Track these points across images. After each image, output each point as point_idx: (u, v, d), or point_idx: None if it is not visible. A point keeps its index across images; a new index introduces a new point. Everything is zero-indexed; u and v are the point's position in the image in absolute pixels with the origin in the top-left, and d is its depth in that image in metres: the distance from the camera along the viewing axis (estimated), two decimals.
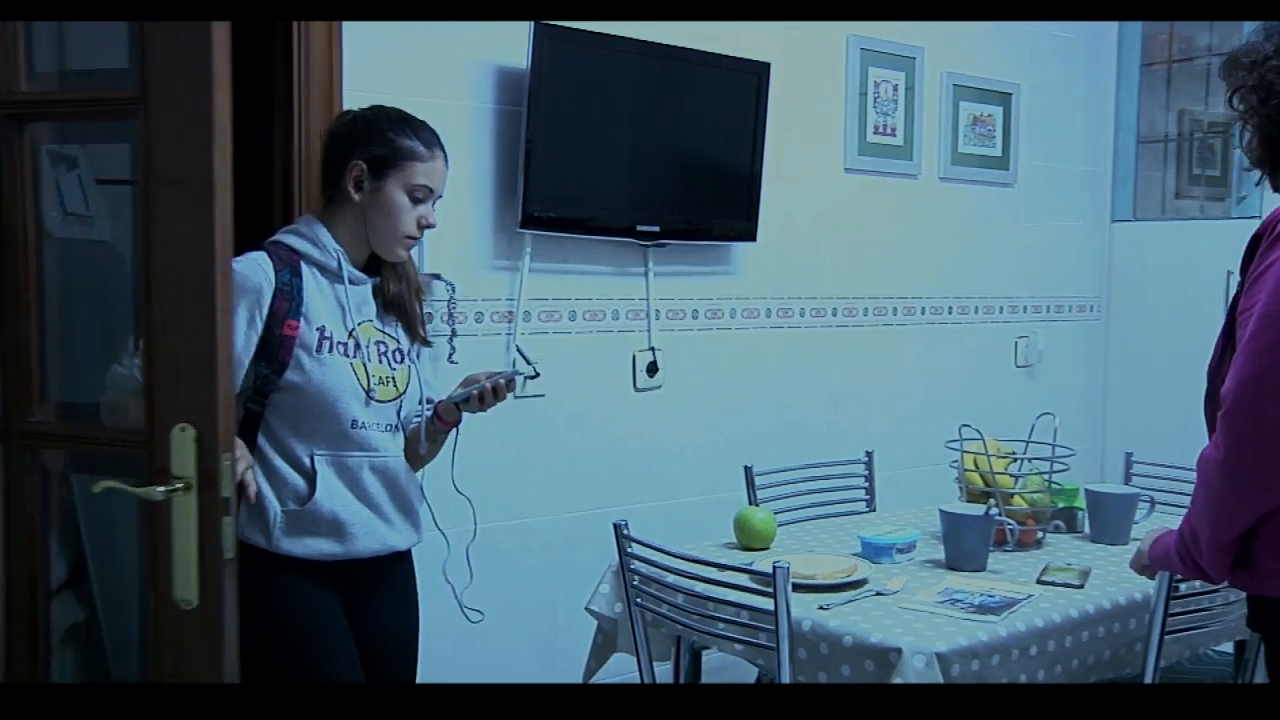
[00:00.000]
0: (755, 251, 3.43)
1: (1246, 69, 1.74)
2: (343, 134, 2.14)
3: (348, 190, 2.10)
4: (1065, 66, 4.22)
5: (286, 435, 2.05)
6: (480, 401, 2.18)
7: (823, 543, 2.75)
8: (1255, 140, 1.77)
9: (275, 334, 2.02)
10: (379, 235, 2.12)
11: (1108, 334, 4.43)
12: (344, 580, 2.12)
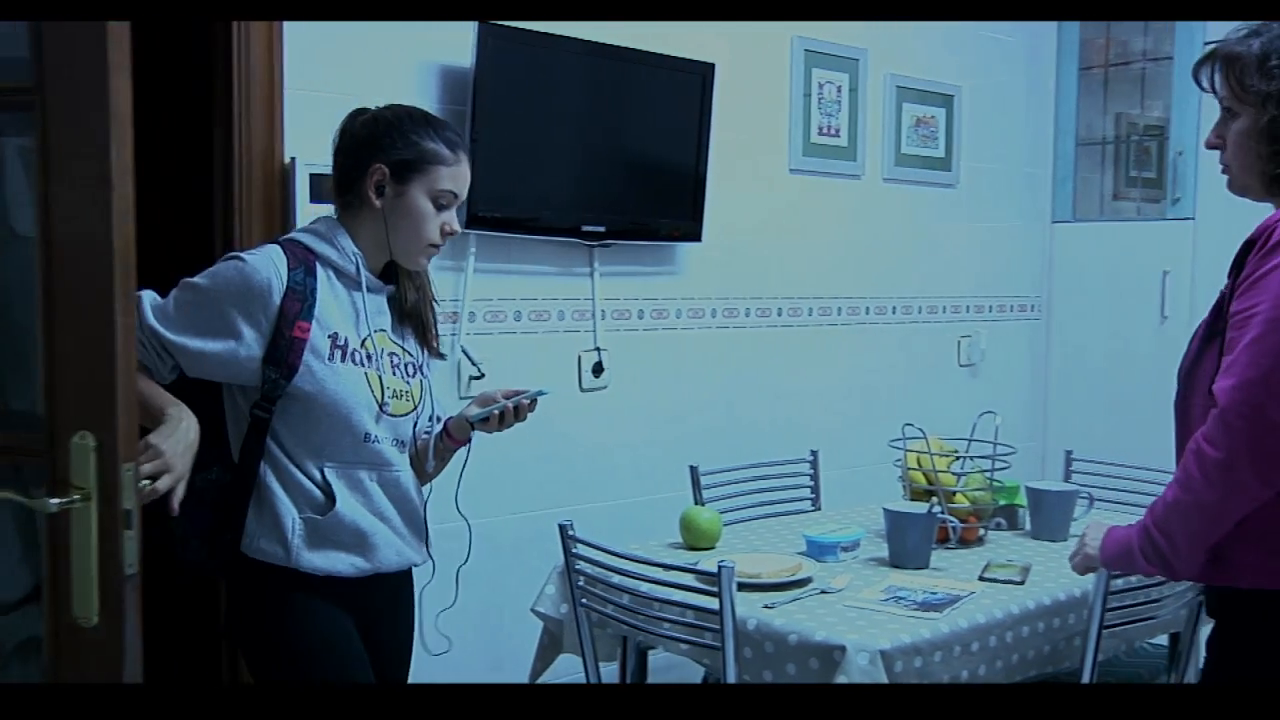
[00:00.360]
0: (700, 252, 3.44)
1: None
2: (362, 135, 1.99)
3: (368, 195, 1.97)
4: (1006, 69, 4.27)
5: (295, 446, 1.92)
6: (500, 421, 2.09)
7: (768, 541, 2.76)
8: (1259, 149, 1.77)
9: (285, 335, 1.88)
10: (401, 243, 1.99)
11: (1048, 333, 4.50)
12: (361, 599, 2.00)
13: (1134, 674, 2.72)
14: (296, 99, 2.68)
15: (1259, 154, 1.78)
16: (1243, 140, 1.80)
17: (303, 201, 2.66)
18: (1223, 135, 1.84)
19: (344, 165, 2.01)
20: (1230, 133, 1.82)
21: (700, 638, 2.21)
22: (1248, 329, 1.66)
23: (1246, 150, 1.80)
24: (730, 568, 2.12)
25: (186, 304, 1.88)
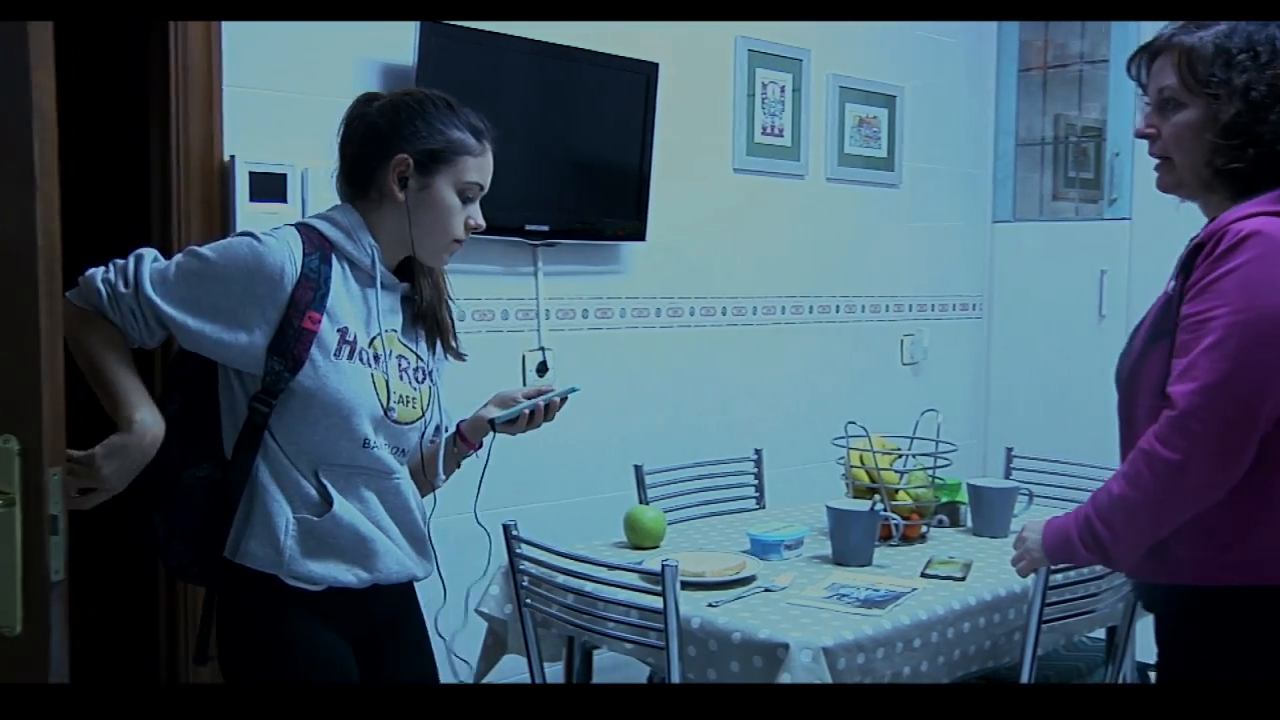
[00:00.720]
0: (645, 251, 3.44)
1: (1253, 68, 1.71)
2: (381, 123, 1.84)
3: (390, 187, 1.83)
4: (946, 70, 4.32)
5: (289, 445, 1.77)
6: (529, 421, 2.00)
7: (712, 540, 2.77)
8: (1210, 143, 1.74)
9: (294, 325, 1.73)
10: (425, 239, 1.86)
11: (989, 331, 4.55)
12: (360, 617, 1.86)
13: (1073, 667, 2.76)
14: (235, 96, 2.65)
15: (1213, 147, 1.75)
16: (1191, 133, 1.76)
17: (243, 200, 2.63)
18: (1158, 126, 1.81)
19: (359, 154, 1.86)
20: (1172, 124, 1.79)
21: (645, 637, 2.21)
22: (1205, 333, 1.65)
23: (1194, 143, 1.76)
24: (674, 566, 2.12)
25: (190, 275, 1.73)
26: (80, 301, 1.75)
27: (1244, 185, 1.74)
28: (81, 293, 1.75)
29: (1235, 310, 1.64)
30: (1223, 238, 1.69)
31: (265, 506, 1.76)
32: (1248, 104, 1.71)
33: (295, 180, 2.71)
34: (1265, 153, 1.72)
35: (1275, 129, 1.71)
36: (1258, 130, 1.71)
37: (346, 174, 1.88)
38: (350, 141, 1.88)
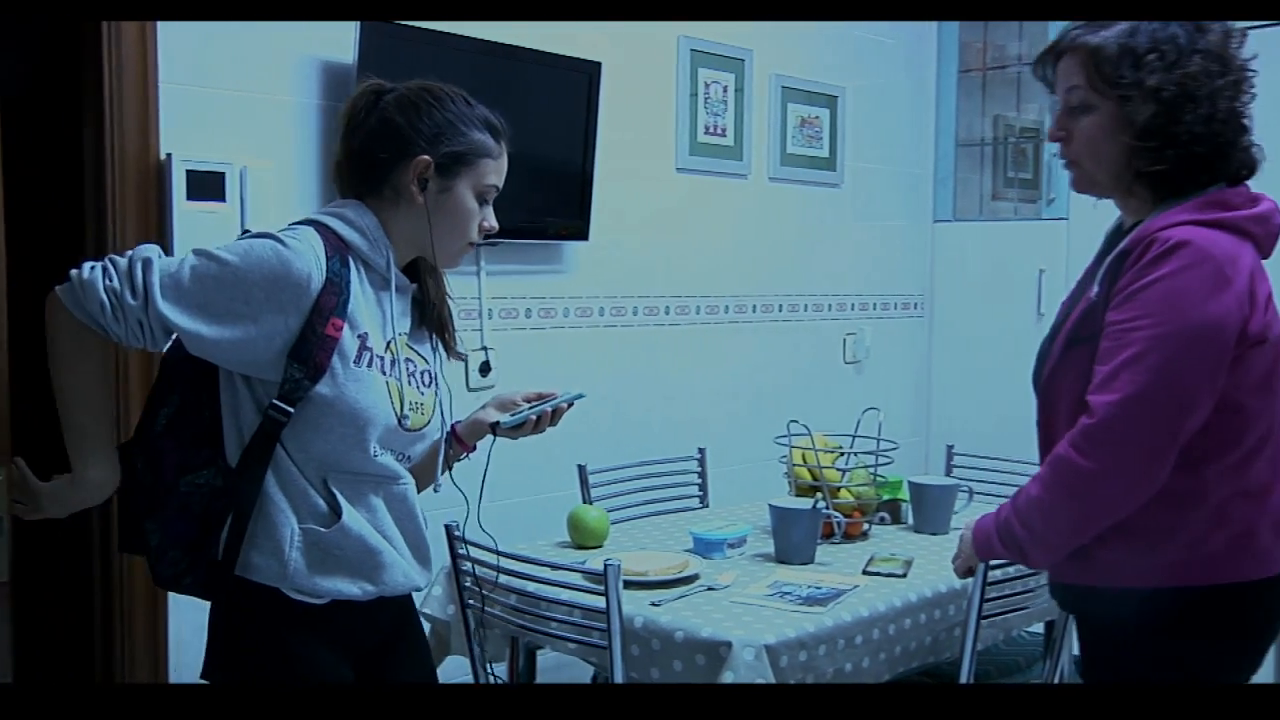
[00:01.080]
0: (588, 250, 3.44)
1: (1162, 68, 1.70)
2: (400, 120, 1.76)
3: (408, 189, 1.75)
4: (887, 71, 4.35)
5: (297, 451, 1.69)
6: (534, 426, 1.97)
7: (656, 539, 2.77)
8: (1126, 144, 1.73)
9: (317, 332, 1.65)
10: (444, 242, 1.79)
11: (930, 330, 4.59)
12: (362, 632, 1.80)
13: (1012, 662, 2.80)
14: (172, 94, 2.61)
15: (1131, 150, 1.74)
16: (1104, 135, 1.75)
17: (179, 199, 2.59)
18: (1069, 128, 1.80)
19: (373, 151, 1.77)
20: (1083, 126, 1.78)
21: (588, 636, 2.21)
22: (1128, 344, 1.65)
23: (1105, 145, 1.76)
24: (616, 566, 2.12)
25: (208, 279, 1.63)
26: (76, 310, 1.63)
27: (1166, 188, 1.75)
28: (78, 299, 1.63)
29: (1159, 322, 1.63)
30: (1150, 246, 1.68)
31: (270, 517, 1.68)
32: (1161, 105, 1.70)
33: (234, 179, 2.68)
34: (1184, 154, 1.72)
35: (1191, 130, 1.70)
36: (1174, 131, 1.71)
37: (356, 169, 1.79)
38: (361, 136, 1.78)
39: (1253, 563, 1.74)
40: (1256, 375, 1.71)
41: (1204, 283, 1.64)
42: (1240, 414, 1.71)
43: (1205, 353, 1.64)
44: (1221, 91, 1.71)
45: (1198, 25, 1.73)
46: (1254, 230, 1.73)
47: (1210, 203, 1.72)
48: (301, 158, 2.85)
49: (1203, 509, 1.71)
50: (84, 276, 1.62)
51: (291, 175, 2.83)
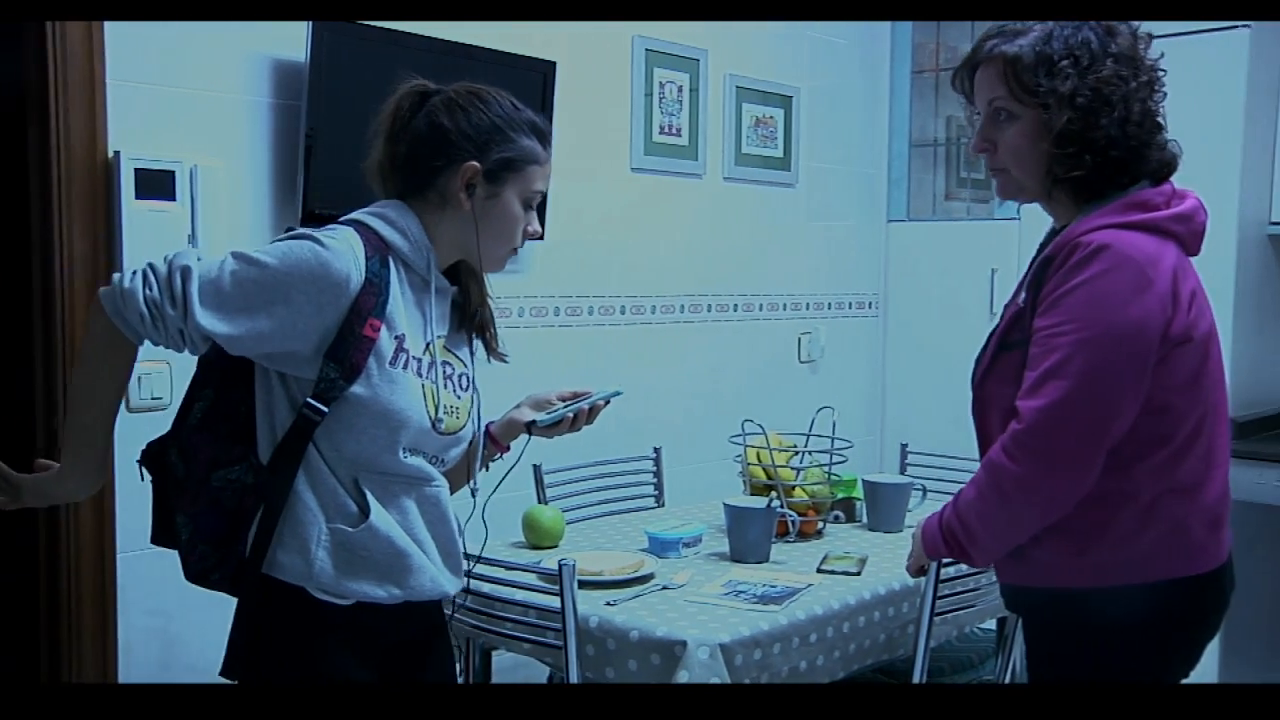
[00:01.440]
0: (543, 250, 3.42)
1: (1075, 74, 1.71)
2: (450, 126, 1.74)
3: (456, 195, 1.74)
4: (842, 72, 4.37)
5: (329, 451, 1.67)
6: (573, 424, 1.97)
7: (611, 539, 2.77)
8: (1046, 151, 1.75)
9: (355, 332, 1.64)
10: (490, 249, 1.78)
11: (885, 329, 4.62)
12: (389, 634, 1.77)
13: (965, 658, 2.82)
14: (120, 91, 2.57)
15: (1048, 155, 1.75)
16: (1027, 142, 1.77)
17: (128, 198, 2.56)
18: (992, 138, 1.82)
19: (420, 154, 1.75)
20: (1007, 136, 1.79)
21: (543, 637, 2.21)
22: (1053, 349, 1.66)
23: (1032, 151, 1.77)
24: (571, 565, 2.12)
25: (248, 283, 1.62)
26: (117, 319, 1.62)
27: (1087, 191, 1.76)
28: (119, 307, 1.62)
29: (1082, 327, 1.65)
30: (1073, 251, 1.69)
31: (298, 515, 1.66)
32: (1077, 111, 1.71)
33: (184, 177, 2.64)
34: (1101, 159, 1.73)
35: (1108, 134, 1.72)
36: (1091, 137, 1.72)
37: (400, 170, 1.78)
38: (407, 139, 1.76)
39: (1184, 560, 1.75)
40: (1183, 375, 1.72)
41: (1125, 286, 1.66)
42: (1168, 413, 1.72)
43: (1128, 355, 1.66)
44: (1135, 94, 1.73)
45: (1108, 29, 1.75)
46: (1176, 229, 1.75)
47: (1131, 204, 1.73)
48: (253, 156, 2.83)
49: (1134, 508, 1.72)
50: (125, 285, 1.62)
51: (243, 174, 2.80)
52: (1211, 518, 1.77)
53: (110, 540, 2.59)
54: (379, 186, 1.81)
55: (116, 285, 1.63)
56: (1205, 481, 1.76)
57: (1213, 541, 1.78)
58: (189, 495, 1.71)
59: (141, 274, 1.62)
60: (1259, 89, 3.57)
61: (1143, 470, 1.72)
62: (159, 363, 2.63)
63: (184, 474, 1.71)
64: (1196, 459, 1.75)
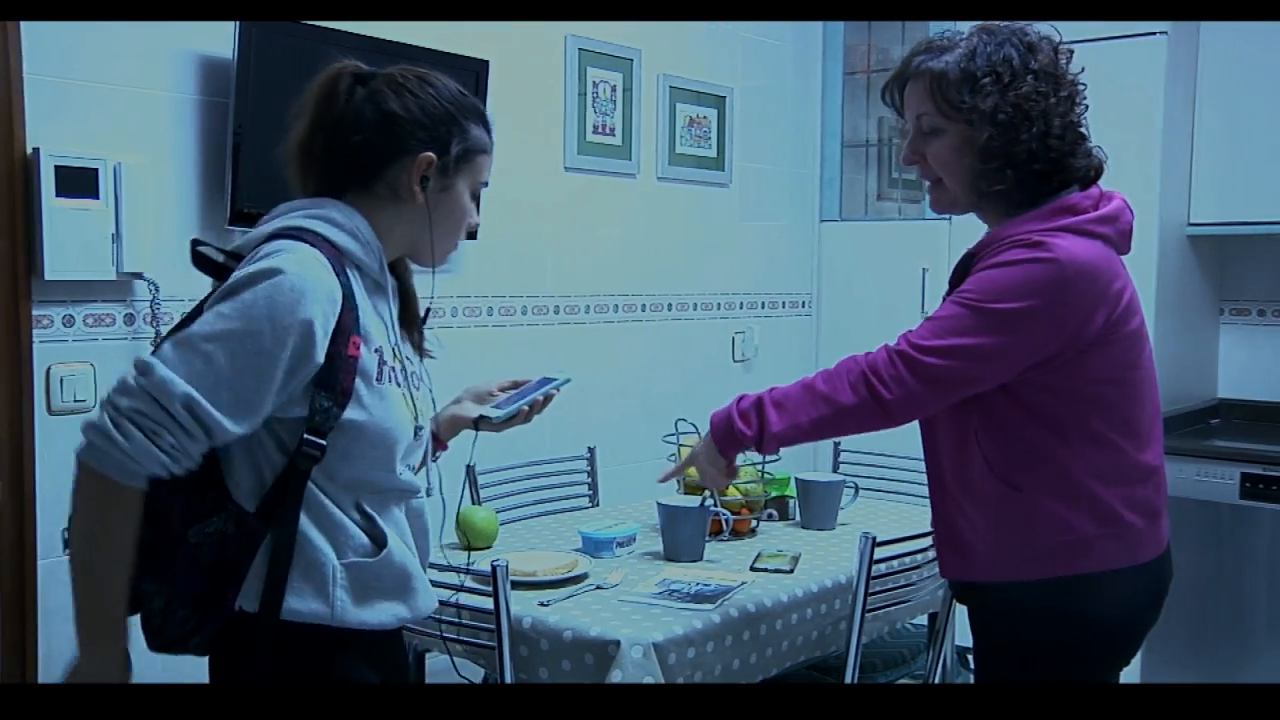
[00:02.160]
0: (476, 250, 3.40)
1: (997, 91, 1.76)
2: (401, 115, 1.62)
3: (409, 188, 1.63)
4: (774, 72, 4.40)
5: (325, 481, 1.57)
6: (527, 416, 1.92)
7: (545, 539, 2.76)
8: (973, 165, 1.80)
9: (341, 354, 1.53)
10: (442, 243, 1.70)
11: (818, 328, 4.65)
12: (391, 657, 1.74)
13: (896, 654, 2.84)
14: (39, 85, 2.51)
15: (974, 170, 1.81)
16: (954, 156, 1.83)
17: (48, 196, 2.50)
18: (921, 151, 1.87)
19: (366, 145, 1.63)
20: (934, 150, 1.85)
21: (476, 638, 2.20)
22: (946, 308, 1.81)
23: (959, 166, 1.83)
24: (504, 566, 2.11)
25: (248, 364, 1.47)
26: (124, 477, 1.45)
27: (1014, 204, 1.82)
28: (127, 468, 1.44)
29: (966, 288, 1.77)
30: (1001, 244, 1.78)
31: (307, 557, 1.55)
32: (998, 127, 1.77)
33: (108, 175, 2.59)
34: (1023, 173, 1.79)
35: (1029, 149, 1.77)
36: (1013, 152, 1.77)
37: (339, 160, 1.64)
38: (348, 127, 1.63)
39: (1125, 550, 1.80)
40: (1114, 369, 1.78)
41: (1040, 277, 1.72)
42: (1103, 406, 1.78)
43: (1016, 337, 1.73)
44: (1055, 109, 1.78)
45: (1029, 45, 1.80)
46: (1102, 230, 1.80)
47: (1058, 209, 1.79)
48: (179, 154, 2.78)
49: (1074, 499, 1.78)
50: (125, 445, 1.44)
51: (169, 172, 2.75)
52: (1150, 508, 1.83)
53: (30, 545, 2.53)
54: (298, 174, 1.68)
55: (108, 448, 1.44)
56: (1143, 474, 1.82)
57: (1152, 531, 1.84)
58: (161, 558, 1.54)
59: (136, 426, 1.44)
60: (1176, 94, 3.64)
61: (1082, 463, 1.77)
62: (82, 364, 2.59)
63: (152, 536, 1.51)
64: (1134, 452, 1.81)
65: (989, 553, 1.84)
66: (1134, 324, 1.80)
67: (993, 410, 1.82)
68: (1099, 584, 1.79)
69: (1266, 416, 3.92)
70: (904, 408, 1.82)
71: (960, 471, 1.88)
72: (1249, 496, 3.43)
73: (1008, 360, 1.76)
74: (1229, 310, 4.05)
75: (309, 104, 1.66)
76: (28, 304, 2.51)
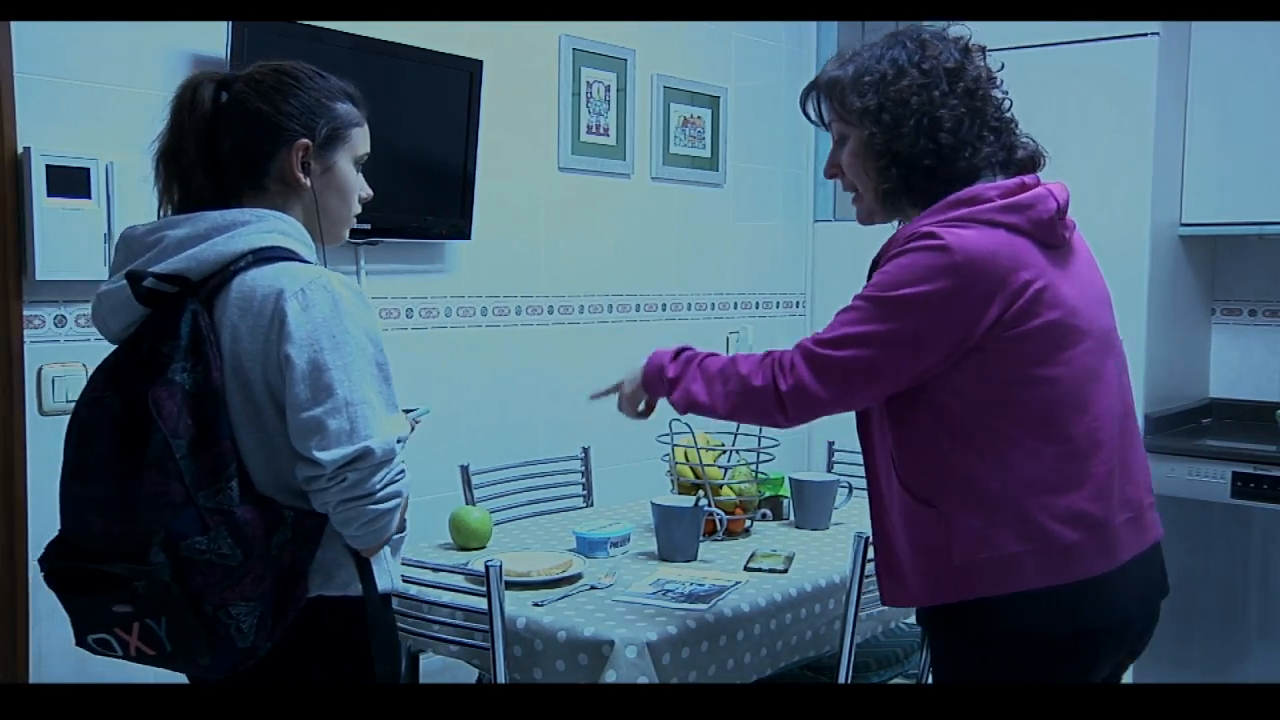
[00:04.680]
0: (470, 249, 3.41)
1: (879, 90, 1.77)
2: (269, 110, 1.69)
3: (294, 176, 1.70)
4: (768, 72, 4.40)
5: None
6: None
7: (540, 539, 2.76)
8: (871, 167, 1.80)
9: None
10: (333, 222, 1.77)
11: (811, 328, 4.65)
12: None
13: (890, 653, 2.84)
14: (30, 84, 2.51)
15: (869, 172, 1.81)
16: (855, 161, 1.83)
17: (39, 196, 2.49)
18: (837, 162, 1.87)
19: (243, 146, 1.69)
20: (843, 159, 1.85)
21: (470, 639, 2.20)
22: (849, 308, 1.77)
23: (860, 170, 1.82)
24: (498, 566, 2.11)
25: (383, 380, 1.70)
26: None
27: (915, 202, 1.79)
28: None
29: (888, 288, 1.71)
30: (895, 242, 1.76)
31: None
32: (880, 125, 1.76)
33: (99, 175, 2.59)
34: (910, 170, 1.76)
35: (912, 145, 1.75)
36: (896, 147, 1.76)
37: (231, 167, 1.70)
38: (225, 131, 1.69)
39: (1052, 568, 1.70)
40: (1019, 368, 1.70)
41: (928, 263, 1.68)
42: (1011, 409, 1.70)
43: (914, 324, 1.70)
44: (942, 103, 1.75)
45: (921, 43, 1.79)
46: (1006, 219, 1.71)
47: (955, 201, 1.74)
48: None
49: (987, 514, 1.70)
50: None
51: None
52: (1090, 520, 1.71)
53: (22, 546, 2.52)
54: (167, 183, 1.74)
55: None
56: (1075, 482, 1.71)
57: (1095, 543, 1.71)
58: (250, 577, 1.56)
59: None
60: (1168, 94, 3.65)
61: (998, 474, 1.70)
62: (74, 364, 2.58)
63: (241, 558, 1.55)
64: (1065, 460, 1.71)
65: (916, 576, 1.77)
66: (1049, 317, 1.69)
67: (905, 421, 1.77)
68: (1036, 602, 1.69)
69: (1257, 416, 3.93)
70: (797, 402, 1.79)
71: (884, 490, 1.84)
72: (1240, 496, 3.44)
73: (903, 349, 1.70)
74: (1220, 310, 4.06)
75: (173, 114, 1.72)
76: (19, 304, 2.51)
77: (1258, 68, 3.62)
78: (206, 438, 1.56)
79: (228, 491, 1.56)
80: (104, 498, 1.57)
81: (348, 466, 1.59)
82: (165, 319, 1.60)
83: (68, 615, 1.65)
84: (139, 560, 1.53)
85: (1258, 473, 3.41)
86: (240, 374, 1.61)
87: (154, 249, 1.67)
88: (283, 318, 1.59)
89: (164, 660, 1.61)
